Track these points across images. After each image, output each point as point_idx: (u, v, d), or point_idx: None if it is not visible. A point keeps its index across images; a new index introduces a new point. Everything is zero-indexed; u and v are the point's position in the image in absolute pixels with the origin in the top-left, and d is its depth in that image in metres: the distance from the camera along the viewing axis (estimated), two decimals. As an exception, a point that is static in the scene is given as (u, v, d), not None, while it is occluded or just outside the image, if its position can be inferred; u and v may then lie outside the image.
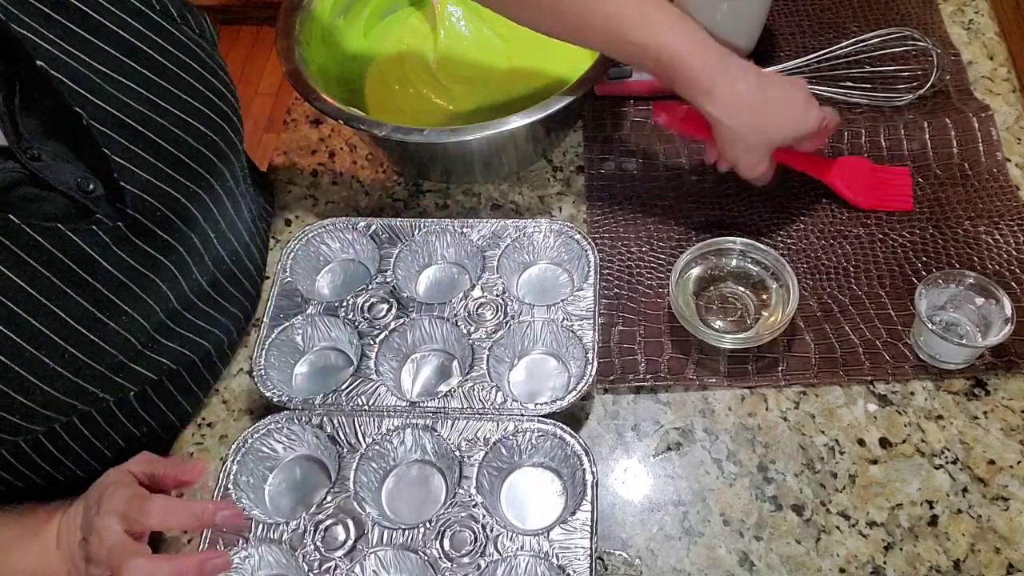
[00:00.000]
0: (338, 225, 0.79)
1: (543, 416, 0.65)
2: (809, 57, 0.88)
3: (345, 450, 0.66)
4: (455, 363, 0.73)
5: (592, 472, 0.63)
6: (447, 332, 0.73)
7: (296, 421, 0.67)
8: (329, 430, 0.67)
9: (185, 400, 0.72)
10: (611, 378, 0.72)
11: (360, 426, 0.67)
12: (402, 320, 0.72)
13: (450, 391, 0.68)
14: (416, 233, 0.77)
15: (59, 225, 0.54)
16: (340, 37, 0.92)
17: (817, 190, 0.82)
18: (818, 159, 0.80)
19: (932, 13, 0.96)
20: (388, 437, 0.66)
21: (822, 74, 0.89)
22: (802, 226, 0.80)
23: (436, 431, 0.66)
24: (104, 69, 0.58)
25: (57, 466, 0.63)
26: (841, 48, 0.87)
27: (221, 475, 0.65)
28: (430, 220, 0.78)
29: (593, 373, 0.67)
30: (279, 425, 0.67)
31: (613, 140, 0.88)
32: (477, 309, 0.73)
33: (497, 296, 0.73)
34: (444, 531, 0.61)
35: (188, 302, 0.67)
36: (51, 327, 0.54)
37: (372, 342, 0.71)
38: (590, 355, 0.68)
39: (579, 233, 0.76)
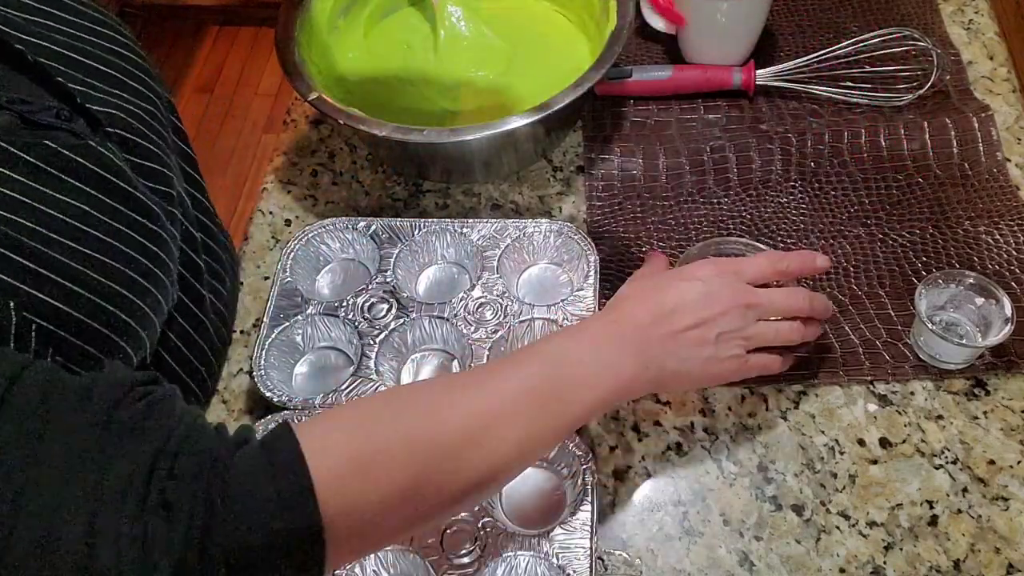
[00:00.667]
0: (338, 225, 0.79)
1: None
2: (809, 57, 0.88)
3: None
4: (455, 363, 0.73)
5: (592, 473, 0.63)
6: (447, 332, 0.73)
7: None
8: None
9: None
10: (611, 378, 0.72)
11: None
12: (402, 320, 0.73)
13: None
14: (416, 233, 0.77)
15: (89, 141, 0.54)
16: (340, 37, 0.92)
17: (817, 190, 0.82)
18: None
19: (932, 13, 0.96)
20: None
21: (822, 74, 0.89)
22: (802, 226, 0.80)
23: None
24: (34, 17, 0.59)
25: None
26: (841, 48, 0.87)
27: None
28: (430, 220, 0.78)
29: None
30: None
31: (613, 140, 0.88)
32: (477, 309, 0.73)
33: (497, 296, 0.73)
34: (444, 531, 0.61)
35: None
36: (117, 237, 0.55)
37: (372, 342, 0.71)
38: None
39: (579, 233, 0.76)
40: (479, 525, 0.61)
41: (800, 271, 0.65)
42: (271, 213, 0.89)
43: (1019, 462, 0.66)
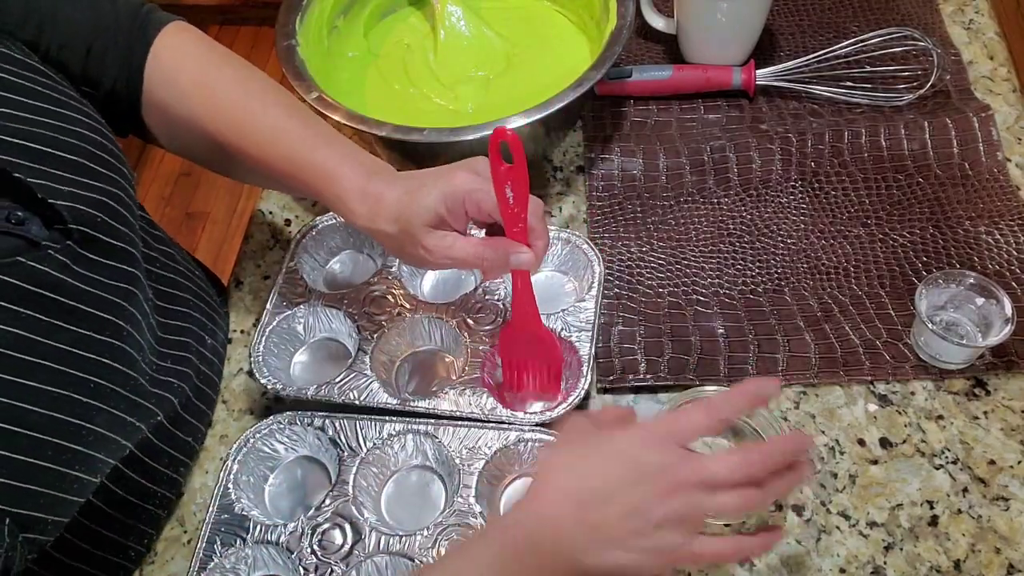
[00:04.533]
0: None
1: (536, 425, 0.65)
2: (809, 57, 0.88)
3: (346, 453, 0.66)
4: (453, 365, 0.73)
5: None
6: (446, 333, 0.73)
7: (298, 422, 0.67)
8: (331, 432, 0.67)
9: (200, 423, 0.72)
10: (611, 378, 0.72)
11: (361, 429, 0.66)
12: (402, 317, 0.73)
13: (441, 390, 0.68)
14: None
15: (19, 258, 0.52)
16: (340, 37, 0.92)
17: (817, 190, 0.82)
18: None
19: (932, 13, 0.96)
20: (389, 442, 0.66)
21: (822, 74, 0.89)
22: (802, 226, 0.80)
23: (437, 437, 0.66)
24: None
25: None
26: (841, 48, 0.87)
27: (222, 474, 0.65)
28: None
29: (586, 386, 0.67)
30: (281, 425, 0.67)
31: (613, 140, 0.88)
32: (477, 312, 0.73)
33: (498, 300, 0.73)
34: (440, 539, 0.61)
35: (157, 315, 0.66)
36: (57, 360, 0.53)
37: (370, 337, 0.71)
38: (585, 368, 0.68)
39: (587, 243, 0.76)
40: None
41: (746, 408, 0.53)
42: (271, 213, 0.89)
43: (1019, 462, 0.66)
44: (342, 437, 0.66)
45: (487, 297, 0.74)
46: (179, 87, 0.68)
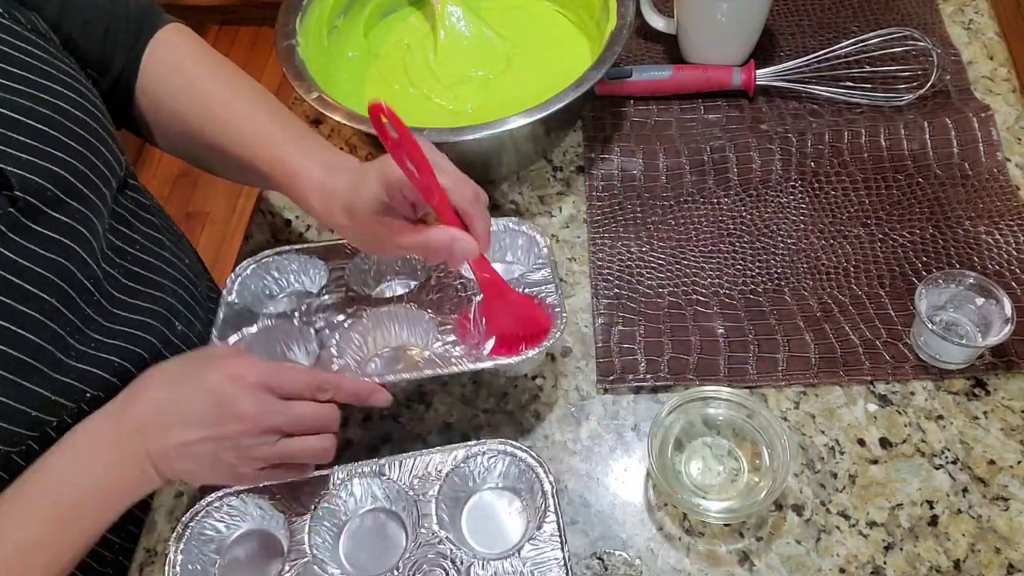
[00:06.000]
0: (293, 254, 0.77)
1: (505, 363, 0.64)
2: (809, 57, 0.88)
3: (293, 515, 0.63)
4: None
5: (549, 482, 0.62)
6: (412, 324, 0.71)
7: (235, 495, 0.63)
8: (271, 498, 0.63)
9: None
10: (611, 378, 0.72)
11: (305, 486, 0.63)
12: (360, 318, 0.70)
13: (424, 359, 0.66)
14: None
15: None
16: (340, 37, 0.92)
17: (817, 190, 0.82)
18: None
19: (932, 13, 0.96)
20: (335, 491, 0.64)
21: (822, 74, 0.89)
22: (802, 226, 0.80)
23: (384, 475, 0.64)
24: None
25: None
26: (841, 48, 0.87)
27: (168, 568, 0.61)
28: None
29: (563, 326, 0.66)
30: (218, 504, 0.63)
31: (613, 140, 0.88)
32: (437, 294, 0.71)
33: (456, 282, 0.71)
34: (415, 574, 0.60)
35: (109, 294, 0.66)
36: None
37: (334, 340, 0.69)
38: (559, 310, 0.67)
39: (525, 225, 0.74)
40: (449, 560, 0.60)
41: (347, 400, 0.62)
42: (271, 213, 0.89)
43: (1019, 462, 0.66)
44: (286, 499, 0.63)
45: (443, 278, 0.71)
46: (171, 82, 0.71)
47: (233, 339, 0.69)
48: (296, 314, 0.71)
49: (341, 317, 0.71)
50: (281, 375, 0.59)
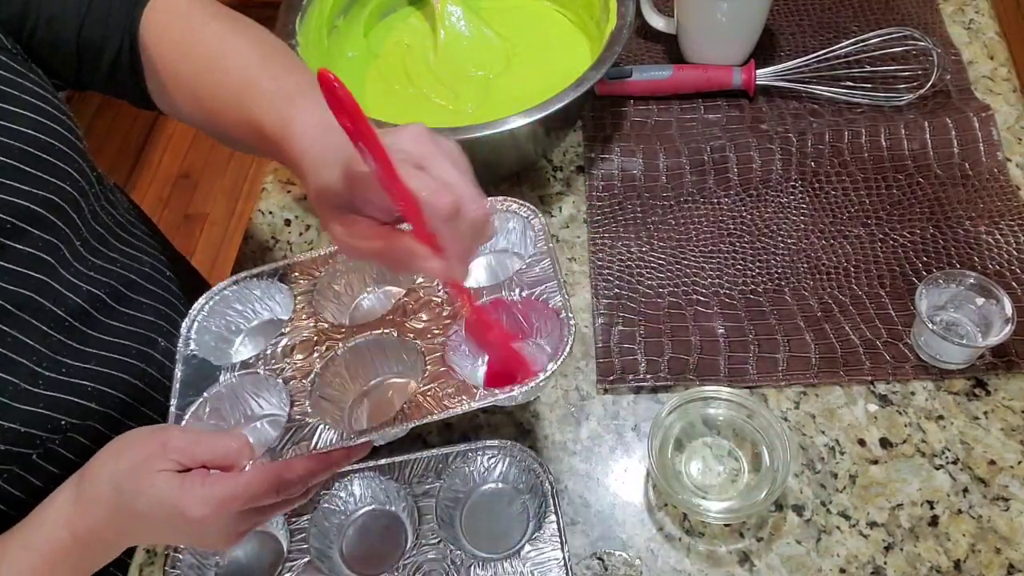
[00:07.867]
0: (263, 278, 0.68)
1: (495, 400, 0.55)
2: (809, 57, 0.88)
3: (293, 515, 0.62)
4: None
5: (549, 482, 0.62)
6: (391, 352, 0.63)
7: None
8: None
9: None
10: (611, 378, 0.72)
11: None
12: (333, 351, 0.61)
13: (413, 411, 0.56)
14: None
15: None
16: (340, 37, 0.92)
17: (817, 190, 0.82)
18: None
19: (932, 13, 0.96)
20: (335, 491, 0.63)
21: (822, 74, 0.89)
22: (802, 226, 0.80)
23: (384, 475, 0.63)
24: None
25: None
26: (841, 48, 0.87)
27: (168, 568, 0.61)
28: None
29: (571, 341, 0.56)
30: None
31: (613, 140, 0.88)
32: (418, 312, 0.62)
33: (439, 289, 0.62)
34: (415, 574, 0.60)
35: (84, 318, 0.64)
36: None
37: (305, 392, 0.59)
38: (563, 315, 0.58)
39: (516, 203, 0.66)
40: (448, 561, 0.60)
41: (323, 478, 0.55)
42: (271, 213, 0.89)
43: (1020, 462, 0.66)
44: None
45: (422, 287, 0.62)
46: (164, 47, 0.65)
47: (195, 406, 0.60)
48: (261, 363, 0.61)
49: (314, 357, 0.60)
50: (240, 492, 0.51)
